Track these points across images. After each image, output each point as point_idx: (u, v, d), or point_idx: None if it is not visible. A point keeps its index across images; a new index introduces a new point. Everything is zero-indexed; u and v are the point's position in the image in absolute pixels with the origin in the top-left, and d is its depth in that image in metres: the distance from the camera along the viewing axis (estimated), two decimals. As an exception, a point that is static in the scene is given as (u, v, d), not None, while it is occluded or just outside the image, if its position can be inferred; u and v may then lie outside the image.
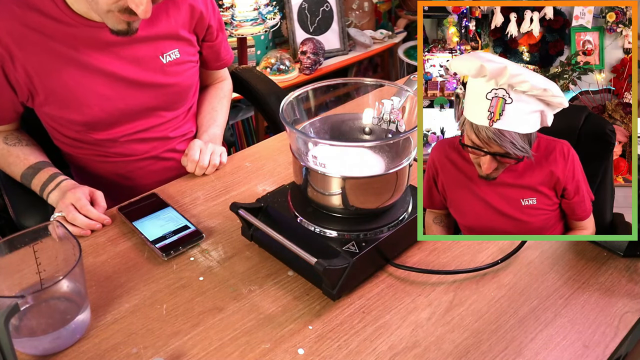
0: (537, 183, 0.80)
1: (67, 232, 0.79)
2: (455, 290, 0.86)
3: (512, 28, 0.98)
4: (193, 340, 0.78)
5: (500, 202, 0.81)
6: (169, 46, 1.17)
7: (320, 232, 0.86)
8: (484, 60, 0.73)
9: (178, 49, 1.19)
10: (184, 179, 1.13)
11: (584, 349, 0.76)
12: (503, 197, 0.81)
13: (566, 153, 0.80)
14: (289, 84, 2.37)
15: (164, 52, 1.16)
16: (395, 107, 0.89)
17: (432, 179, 0.87)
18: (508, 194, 0.81)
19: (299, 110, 0.91)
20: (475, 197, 0.83)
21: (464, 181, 0.83)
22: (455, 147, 0.84)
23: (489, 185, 0.81)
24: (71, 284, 0.78)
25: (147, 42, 1.14)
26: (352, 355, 0.76)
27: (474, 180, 0.82)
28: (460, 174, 0.84)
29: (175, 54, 1.18)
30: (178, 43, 1.18)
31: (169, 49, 1.17)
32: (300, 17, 2.55)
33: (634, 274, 0.88)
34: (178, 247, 0.92)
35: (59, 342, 0.76)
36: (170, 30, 1.16)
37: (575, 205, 0.81)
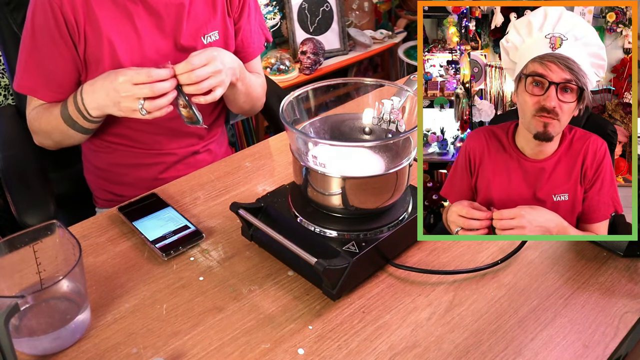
0: (572, 177, 0.81)
1: (67, 232, 0.79)
2: (455, 290, 0.86)
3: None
4: (193, 340, 0.78)
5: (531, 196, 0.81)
6: (210, 27, 1.16)
7: (320, 232, 0.86)
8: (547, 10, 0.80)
9: (218, 31, 1.18)
10: (184, 179, 1.13)
11: (584, 349, 0.76)
12: (536, 190, 0.81)
13: (598, 147, 0.80)
14: (289, 84, 2.37)
15: (205, 33, 1.15)
16: (395, 107, 0.89)
17: (468, 165, 0.85)
18: (542, 186, 0.81)
19: (299, 110, 0.91)
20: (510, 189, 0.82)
21: (505, 172, 0.83)
22: (496, 136, 0.84)
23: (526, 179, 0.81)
24: (71, 284, 0.78)
25: (191, 21, 1.14)
26: (352, 355, 0.76)
27: (513, 172, 0.82)
28: (502, 164, 0.83)
29: (214, 36, 1.17)
30: (218, 25, 1.18)
31: (210, 30, 1.16)
32: (300, 17, 2.55)
33: (634, 274, 0.88)
34: (178, 247, 0.92)
35: (59, 342, 0.76)
36: (211, 10, 1.16)
37: (588, 202, 0.80)
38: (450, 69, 0.99)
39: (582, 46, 0.78)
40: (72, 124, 1.09)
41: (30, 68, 1.10)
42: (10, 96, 1.94)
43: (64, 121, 1.09)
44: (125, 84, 0.98)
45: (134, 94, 0.98)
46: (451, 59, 0.99)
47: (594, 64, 0.79)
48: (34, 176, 1.20)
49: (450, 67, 0.99)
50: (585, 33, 0.78)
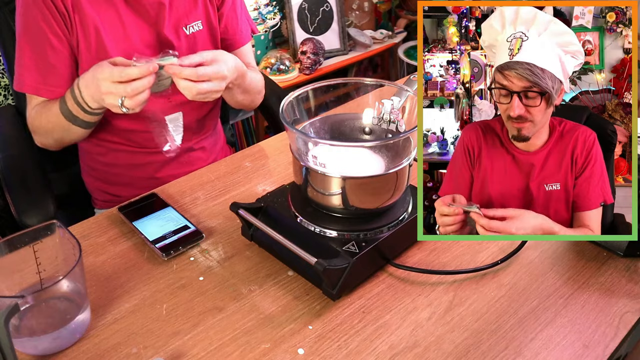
0: (562, 166, 0.82)
1: (67, 232, 0.79)
2: (455, 290, 0.86)
3: (512, 28, 0.98)
4: (193, 340, 0.78)
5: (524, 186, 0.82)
6: (192, 17, 1.16)
7: (320, 232, 0.86)
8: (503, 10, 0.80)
9: (201, 20, 1.18)
10: (184, 179, 1.13)
11: (584, 349, 0.76)
12: (529, 179, 0.82)
13: (588, 136, 0.81)
14: (289, 84, 2.37)
15: (187, 23, 1.15)
16: (395, 107, 0.89)
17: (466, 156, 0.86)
18: (534, 176, 0.82)
19: (299, 110, 0.91)
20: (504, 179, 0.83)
21: (500, 163, 0.84)
22: (491, 129, 0.85)
23: (520, 168, 0.82)
24: (71, 284, 0.78)
25: (173, 11, 1.13)
26: (352, 355, 0.76)
27: (507, 163, 0.83)
28: (497, 156, 0.84)
29: (198, 26, 1.17)
30: (200, 15, 1.18)
31: (192, 20, 1.16)
32: (300, 17, 2.55)
33: (634, 274, 0.88)
34: (178, 247, 0.92)
35: (59, 342, 0.76)
36: (191, 0, 1.16)
37: (578, 188, 0.81)
38: (450, 69, 0.99)
39: (549, 37, 0.78)
40: (74, 119, 1.08)
41: (29, 66, 1.10)
42: (10, 96, 1.94)
43: (65, 117, 1.08)
44: (104, 81, 0.97)
45: (113, 92, 0.98)
46: (451, 59, 0.99)
47: (567, 51, 0.79)
48: (34, 176, 1.19)
49: (450, 67, 0.99)
50: (547, 24, 0.79)
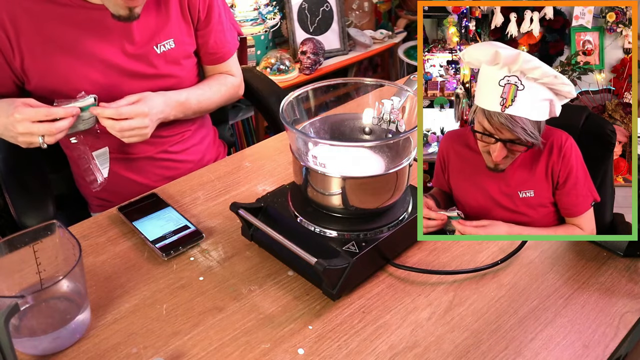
0: (536, 174, 0.81)
1: (67, 232, 0.79)
2: (455, 290, 0.86)
3: (512, 28, 0.98)
4: (193, 340, 0.78)
5: (498, 193, 0.82)
6: (163, 36, 1.15)
7: (320, 232, 0.86)
8: (498, 47, 0.75)
9: (173, 39, 1.17)
10: (184, 179, 1.13)
11: (584, 349, 0.76)
12: (501, 188, 0.82)
13: (563, 142, 0.80)
14: (289, 84, 2.37)
15: (159, 42, 1.15)
16: (395, 107, 0.89)
17: (440, 165, 0.88)
18: (506, 184, 0.82)
19: (299, 110, 0.91)
20: (476, 188, 0.83)
21: (468, 172, 0.84)
22: (463, 138, 0.85)
23: (491, 177, 0.82)
24: (71, 284, 0.78)
25: (141, 30, 1.12)
26: (352, 355, 0.76)
27: (478, 171, 0.83)
28: (465, 165, 0.84)
29: (170, 44, 1.16)
30: (173, 33, 1.16)
31: (164, 39, 1.15)
32: (300, 17, 2.55)
33: (634, 274, 0.88)
34: (178, 247, 0.92)
35: (59, 342, 0.76)
36: (164, 18, 1.14)
37: (565, 198, 0.81)
38: (450, 69, 0.99)
39: (542, 81, 0.75)
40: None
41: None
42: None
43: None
44: (24, 122, 0.98)
45: (32, 132, 0.99)
46: (451, 59, 0.99)
47: (559, 93, 0.76)
48: (33, 177, 1.19)
49: (450, 67, 0.99)
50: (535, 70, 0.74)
